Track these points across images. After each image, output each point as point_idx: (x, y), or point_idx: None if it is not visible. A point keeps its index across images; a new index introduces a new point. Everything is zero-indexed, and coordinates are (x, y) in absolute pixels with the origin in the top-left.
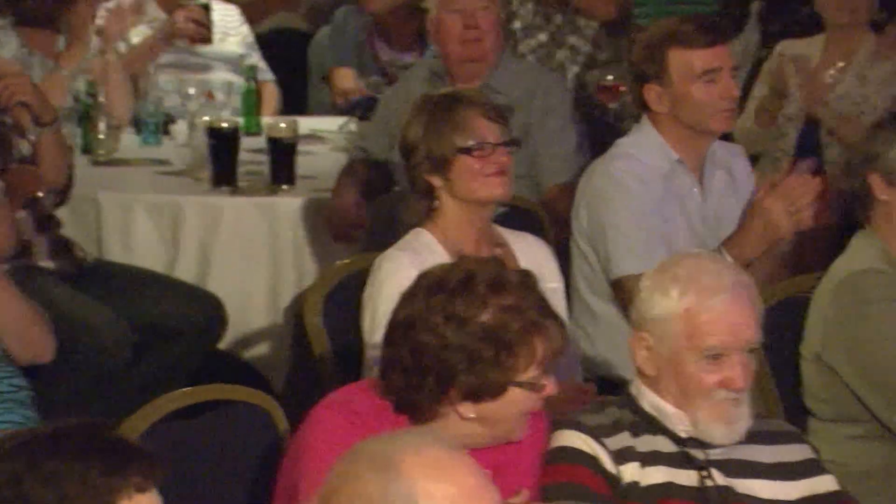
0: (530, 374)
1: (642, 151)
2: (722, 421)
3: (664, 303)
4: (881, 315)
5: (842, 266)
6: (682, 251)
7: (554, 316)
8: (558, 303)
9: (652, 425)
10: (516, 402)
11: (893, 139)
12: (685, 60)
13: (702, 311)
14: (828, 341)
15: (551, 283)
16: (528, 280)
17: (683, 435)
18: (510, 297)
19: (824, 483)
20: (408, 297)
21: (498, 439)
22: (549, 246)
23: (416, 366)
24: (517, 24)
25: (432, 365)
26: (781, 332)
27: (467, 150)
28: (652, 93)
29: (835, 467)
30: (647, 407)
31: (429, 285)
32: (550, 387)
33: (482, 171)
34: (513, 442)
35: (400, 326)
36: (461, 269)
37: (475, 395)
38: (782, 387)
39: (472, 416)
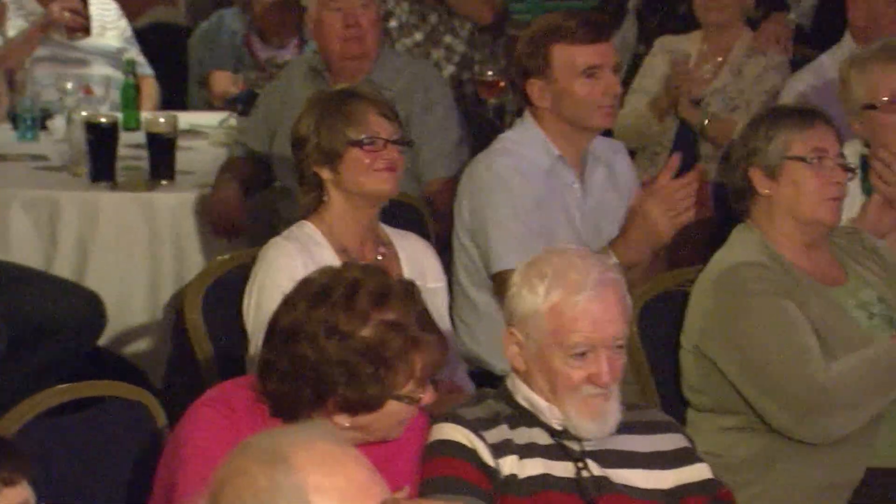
0: (408, 388)
1: (524, 147)
2: (590, 416)
3: (531, 299)
4: (760, 307)
5: (722, 259)
6: (555, 247)
7: (435, 330)
8: (441, 302)
9: (527, 418)
10: (393, 413)
11: (772, 134)
12: (568, 56)
13: (566, 307)
14: (707, 333)
15: (434, 282)
16: (411, 292)
17: (558, 427)
18: (392, 313)
19: (698, 471)
20: (289, 303)
21: (374, 440)
22: (431, 245)
23: (295, 375)
24: (393, 23)
25: (311, 377)
26: (660, 324)
27: (358, 143)
28: (535, 88)
29: (711, 458)
30: (521, 401)
31: (312, 293)
32: (428, 396)
33: (372, 165)
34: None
35: (281, 333)
36: (345, 279)
37: (352, 408)
38: (660, 378)
39: (347, 425)
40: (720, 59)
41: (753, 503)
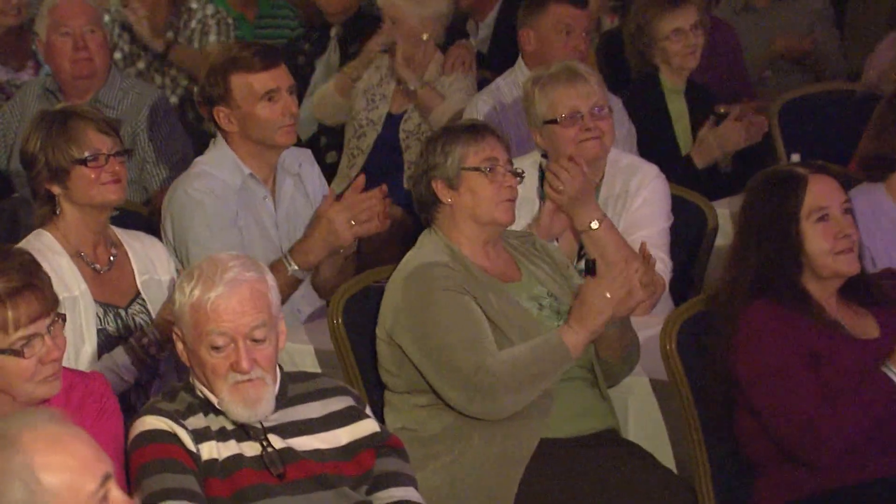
0: (6, 340)
1: (217, 168)
2: (242, 401)
3: (180, 298)
4: (442, 301)
5: (411, 259)
6: (215, 255)
7: (32, 280)
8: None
9: (212, 407)
10: (4, 367)
11: (448, 150)
12: (247, 84)
13: (202, 303)
14: (397, 323)
15: (162, 275)
16: (10, 253)
17: None
18: None
19: (367, 426)
20: None
21: (28, 402)
22: (161, 242)
23: None
24: (118, 55)
25: None
26: (362, 315)
27: (83, 161)
28: (221, 114)
29: (406, 432)
30: (199, 392)
31: None
32: (51, 351)
33: (98, 179)
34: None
35: None
36: None
37: None
38: (362, 364)
39: None
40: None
41: (444, 472)
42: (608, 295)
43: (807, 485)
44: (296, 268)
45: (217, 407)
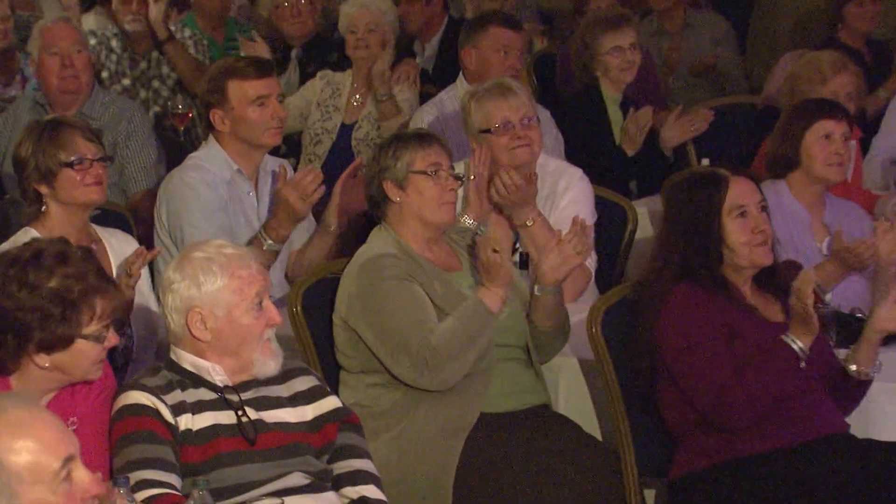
0: (93, 328)
1: (209, 163)
2: (271, 356)
3: (212, 280)
4: (391, 289)
5: (363, 252)
6: (195, 245)
7: (111, 281)
8: (142, 281)
9: (193, 381)
10: (84, 351)
11: (399, 154)
12: (241, 89)
13: (238, 272)
14: (352, 310)
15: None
16: (88, 254)
17: (220, 384)
18: (73, 267)
19: (329, 403)
20: None
21: (77, 380)
22: (134, 238)
23: None
24: (105, 74)
25: (11, 325)
26: (320, 304)
27: (69, 164)
28: (216, 116)
29: (360, 408)
30: (188, 366)
31: (6, 261)
32: (112, 338)
33: (82, 181)
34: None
35: None
36: (31, 247)
37: (48, 348)
38: (320, 347)
39: (47, 365)
40: (364, 89)
41: (393, 444)
42: (495, 251)
43: (720, 452)
44: (271, 242)
45: (203, 379)
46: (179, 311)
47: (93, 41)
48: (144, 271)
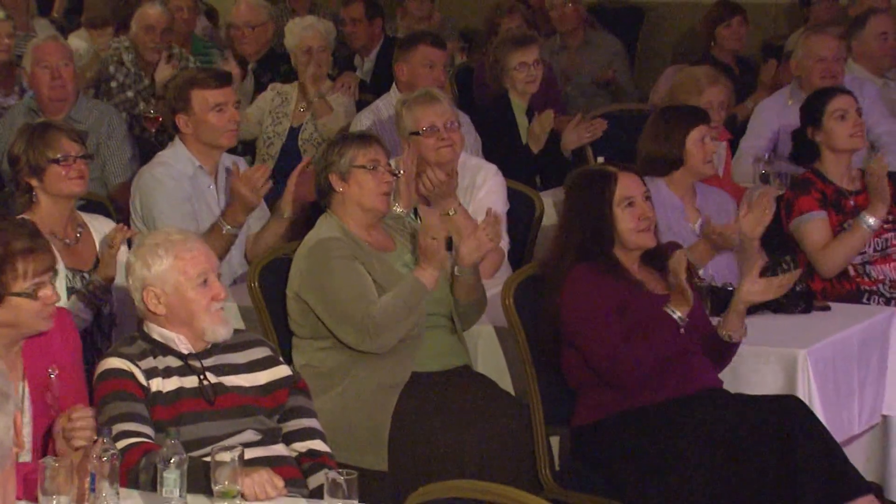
0: (21, 285)
1: (174, 160)
2: (221, 323)
3: (160, 262)
4: (337, 267)
5: (312, 236)
6: (151, 232)
7: (43, 245)
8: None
9: (162, 349)
10: (21, 306)
11: (343, 151)
12: (203, 97)
13: (182, 255)
14: (303, 285)
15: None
16: (23, 223)
17: (185, 352)
18: (2, 235)
19: (280, 371)
20: None
21: (31, 333)
22: (114, 222)
23: None
24: (114, 84)
25: None
26: (275, 280)
27: (56, 161)
28: (181, 120)
29: (308, 368)
30: (157, 337)
31: None
32: (50, 294)
33: (67, 175)
34: (44, 332)
35: None
36: None
37: None
38: (275, 317)
39: None
40: (306, 102)
41: (337, 399)
42: (433, 238)
43: (615, 404)
44: (229, 227)
45: (170, 348)
46: (137, 290)
47: (103, 53)
48: (125, 248)
